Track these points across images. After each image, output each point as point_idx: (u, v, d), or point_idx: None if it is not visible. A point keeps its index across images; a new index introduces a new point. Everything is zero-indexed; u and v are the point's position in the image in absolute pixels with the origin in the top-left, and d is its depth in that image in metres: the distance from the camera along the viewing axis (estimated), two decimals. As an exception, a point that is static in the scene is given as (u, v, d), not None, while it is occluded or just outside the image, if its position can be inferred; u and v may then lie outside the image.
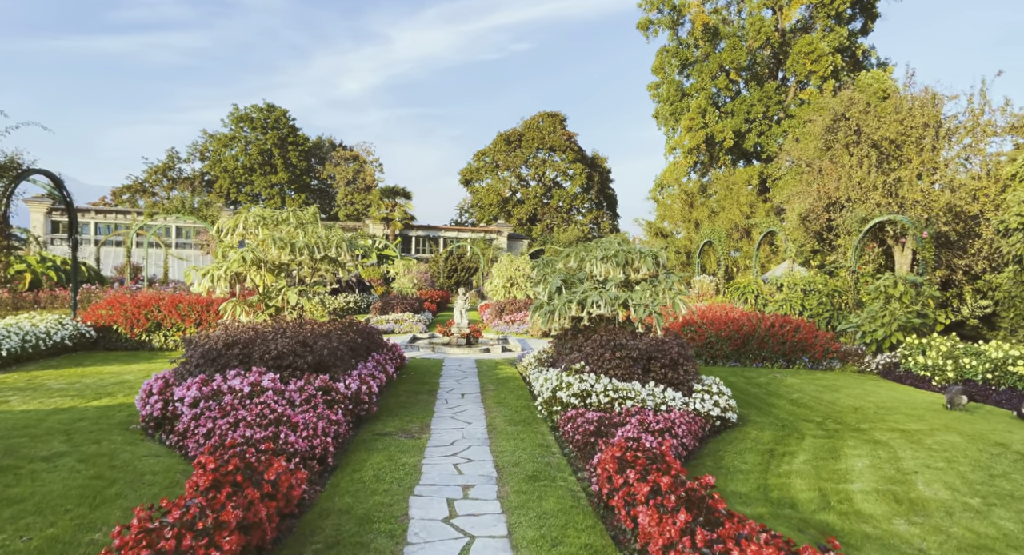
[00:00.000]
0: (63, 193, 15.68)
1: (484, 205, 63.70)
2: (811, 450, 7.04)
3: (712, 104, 49.51)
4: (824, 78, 46.07)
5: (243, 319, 9.04)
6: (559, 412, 7.76)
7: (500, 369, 12.18)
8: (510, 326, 20.54)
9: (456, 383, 10.64)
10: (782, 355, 14.27)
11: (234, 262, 8.44)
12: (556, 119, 63.86)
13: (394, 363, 10.88)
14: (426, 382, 10.63)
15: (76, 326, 12.27)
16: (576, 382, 7.90)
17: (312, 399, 6.84)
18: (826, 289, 18.46)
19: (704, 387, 8.36)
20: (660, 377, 8.21)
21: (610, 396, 7.65)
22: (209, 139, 61.45)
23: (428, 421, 7.90)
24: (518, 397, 9.47)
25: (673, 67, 52.41)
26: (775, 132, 48.65)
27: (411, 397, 9.35)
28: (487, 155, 64.20)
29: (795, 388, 11.18)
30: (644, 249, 9.66)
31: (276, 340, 7.54)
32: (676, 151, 51.49)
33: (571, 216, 63.50)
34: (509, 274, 24.97)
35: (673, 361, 8.35)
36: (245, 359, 7.31)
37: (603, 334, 8.94)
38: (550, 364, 10.15)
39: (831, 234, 22.77)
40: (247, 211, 8.87)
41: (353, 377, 7.85)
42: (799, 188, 24.48)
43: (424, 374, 11.43)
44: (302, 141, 63.27)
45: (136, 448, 6.14)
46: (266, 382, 6.76)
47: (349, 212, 60.74)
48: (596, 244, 10.00)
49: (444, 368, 12.23)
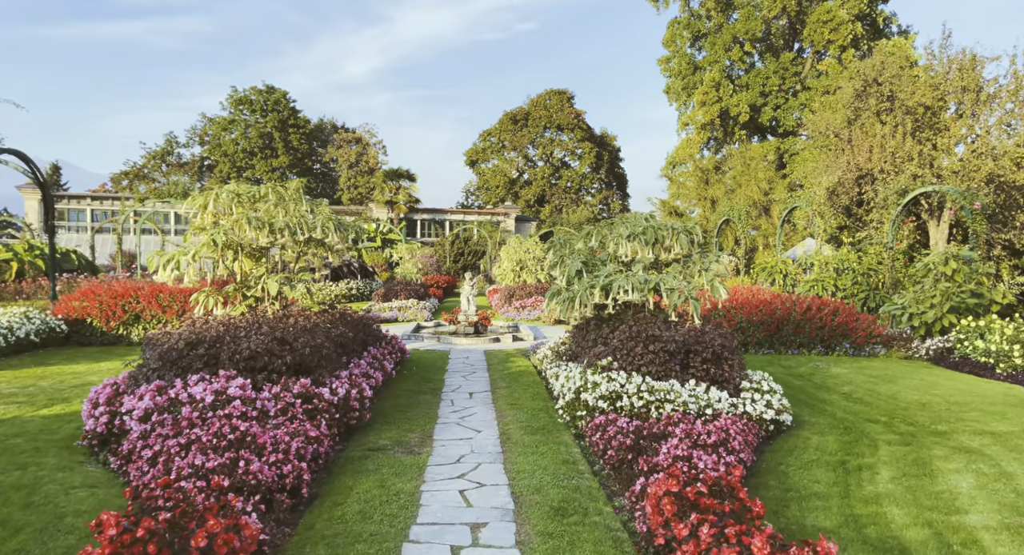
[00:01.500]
0: (36, 175, 14.52)
1: (491, 187, 62.26)
2: (892, 462, 5.82)
3: (726, 77, 47.67)
4: (843, 47, 44.12)
5: (218, 312, 7.87)
6: (584, 417, 6.57)
7: (512, 362, 11.00)
8: (520, 312, 19.36)
9: (463, 380, 9.47)
10: (820, 341, 13.02)
11: (203, 246, 7.25)
12: (563, 97, 62.07)
13: (394, 358, 9.71)
14: (430, 379, 9.47)
15: (45, 320, 11.16)
16: (604, 382, 6.69)
17: (289, 409, 5.67)
18: (861, 268, 17.12)
19: (752, 384, 7.14)
20: (701, 374, 7.00)
21: (645, 398, 6.44)
22: (208, 123, 60.14)
23: (431, 429, 6.73)
24: (534, 396, 8.29)
25: (685, 40, 50.47)
26: (792, 105, 46.81)
27: (412, 398, 8.18)
28: (493, 135, 62.62)
29: (843, 379, 9.94)
30: (676, 225, 8.39)
31: (249, 337, 6.36)
32: (689, 127, 49.77)
33: (580, 197, 62.00)
34: (519, 257, 23.72)
35: (716, 354, 7.13)
36: (211, 361, 6.14)
37: (632, 324, 7.71)
38: (569, 357, 8.95)
39: (862, 209, 21.34)
40: (219, 187, 7.64)
41: (342, 379, 6.67)
42: (826, 161, 23.00)
43: (428, 369, 10.27)
44: (303, 124, 61.86)
45: (69, 476, 5.00)
46: (233, 389, 5.59)
47: (352, 196, 59.48)
48: (620, 220, 8.74)
49: (450, 361, 11.06)
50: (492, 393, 8.56)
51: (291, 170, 61.33)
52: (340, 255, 8.40)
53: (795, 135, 49.08)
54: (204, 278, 7.58)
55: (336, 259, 8.53)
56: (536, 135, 61.59)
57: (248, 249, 7.82)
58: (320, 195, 65.09)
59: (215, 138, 59.43)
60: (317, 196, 64.73)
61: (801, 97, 46.51)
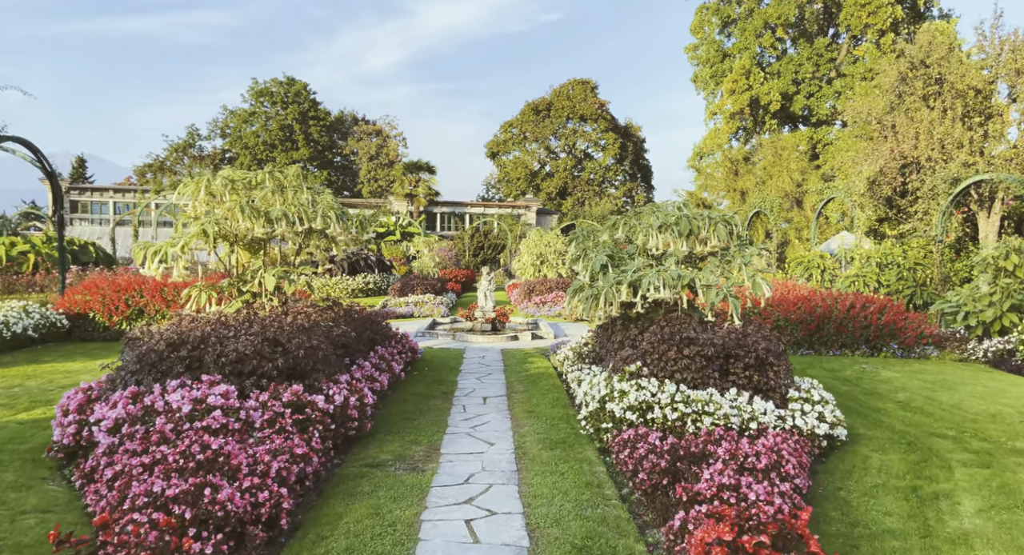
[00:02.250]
0: (43, 164, 14.14)
1: (511, 179, 61.43)
2: (974, 489, 4.98)
3: (756, 64, 46.16)
4: (882, 31, 42.34)
5: (212, 309, 7.27)
6: (610, 430, 5.83)
7: (531, 362, 10.27)
8: (540, 308, 18.61)
9: (478, 382, 8.77)
10: (865, 341, 12.07)
11: (192, 237, 6.63)
12: (587, 87, 60.88)
13: (404, 358, 9.05)
14: (442, 381, 8.78)
15: (45, 314, 10.72)
16: (632, 390, 5.93)
17: (277, 420, 5.02)
18: (906, 262, 16.02)
19: (801, 393, 6.32)
20: (743, 382, 6.19)
21: (680, 410, 5.67)
22: (230, 115, 60.18)
23: (438, 440, 6.04)
24: (553, 402, 7.55)
25: (713, 26, 48.98)
26: (826, 93, 45.16)
27: (421, 403, 7.50)
28: (515, 126, 61.72)
29: (896, 384, 9.04)
30: (713, 215, 7.56)
31: (238, 338, 5.72)
32: (717, 117, 48.37)
33: (603, 189, 60.88)
34: (539, 251, 22.95)
35: (760, 360, 6.32)
36: (194, 364, 5.51)
37: (663, 324, 6.93)
38: (593, 360, 8.20)
39: (906, 200, 20.14)
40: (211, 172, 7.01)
41: (341, 384, 6.01)
42: (866, 149, 21.79)
43: (440, 370, 9.59)
44: (323, 116, 61.60)
45: (23, 496, 4.40)
46: (214, 398, 4.95)
47: (372, 189, 59.18)
48: (650, 210, 7.94)
49: (465, 361, 10.37)
50: (508, 398, 7.84)
51: (311, 162, 61.18)
52: (344, 247, 7.74)
53: (829, 124, 47.43)
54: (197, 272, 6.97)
55: (340, 251, 7.88)
56: (559, 126, 60.54)
57: (244, 240, 7.19)
58: (340, 188, 64.94)
59: (236, 130, 59.47)
60: (337, 189, 64.56)
61: (836, 84, 44.84)
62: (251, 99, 60.30)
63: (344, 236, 7.42)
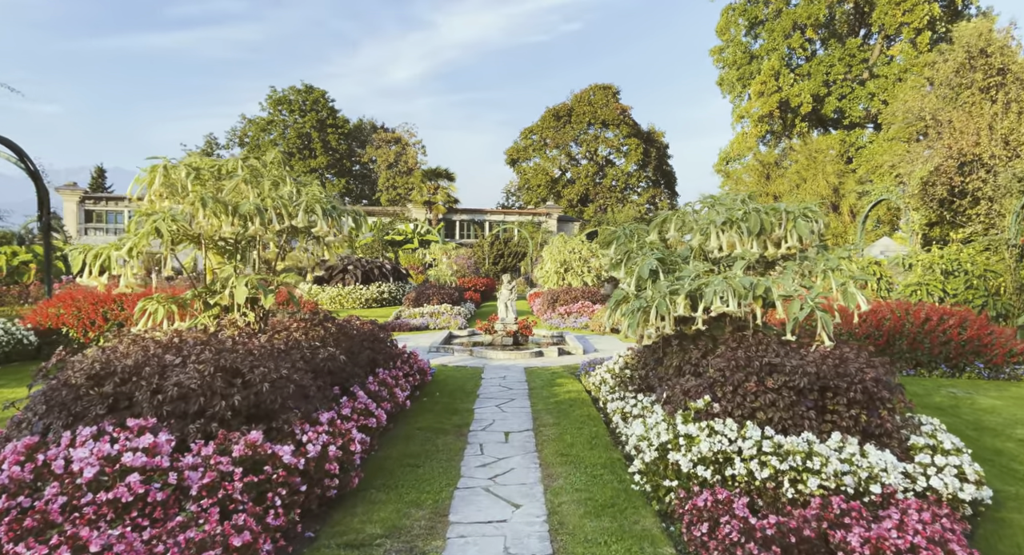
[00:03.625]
0: (26, 163, 13.07)
1: (532, 186, 60.13)
2: None
3: (785, 66, 44.41)
4: (918, 30, 40.43)
5: (177, 325, 5.95)
6: (675, 489, 4.36)
7: (559, 384, 8.82)
8: (565, 319, 17.15)
9: (498, 411, 7.34)
10: (944, 359, 10.44)
11: (142, 237, 5.33)
12: (608, 92, 59.50)
13: (411, 382, 7.67)
14: (455, 410, 7.37)
15: (9, 330, 9.52)
16: (703, 436, 4.47)
17: (223, 484, 3.64)
18: (976, 269, 14.31)
19: (923, 438, 4.80)
20: (848, 423, 4.69)
21: (771, 466, 4.19)
22: (248, 124, 59.80)
23: (446, 500, 4.61)
24: (592, 440, 6.09)
25: (740, 27, 47.36)
26: (859, 95, 43.25)
27: (428, 441, 6.09)
28: (535, 132, 60.48)
29: (1005, 416, 7.43)
30: (791, 208, 6.08)
31: (185, 366, 4.37)
32: (744, 121, 46.65)
33: (626, 196, 59.30)
34: (563, 258, 21.50)
35: (868, 394, 4.81)
36: (121, 403, 4.17)
37: (734, 346, 5.46)
38: (639, 387, 6.72)
39: (966, 200, 18.37)
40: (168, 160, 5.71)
41: (321, 426, 4.63)
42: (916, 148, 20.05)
43: (454, 394, 8.18)
44: (342, 123, 60.97)
45: None
46: (133, 455, 3.58)
47: (391, 197, 58.28)
48: (710, 202, 6.47)
49: (483, 383, 8.95)
50: (535, 434, 6.40)
51: (329, 171, 60.51)
52: (336, 251, 6.40)
53: (862, 127, 45.44)
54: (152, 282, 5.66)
55: (332, 256, 6.53)
56: (580, 132, 59.19)
57: (211, 242, 5.87)
58: (359, 196, 64.19)
59: (254, 139, 59.05)
60: (356, 197, 63.81)
61: (870, 85, 42.94)
62: (269, 107, 59.90)
63: (335, 237, 6.08)
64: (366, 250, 35.95)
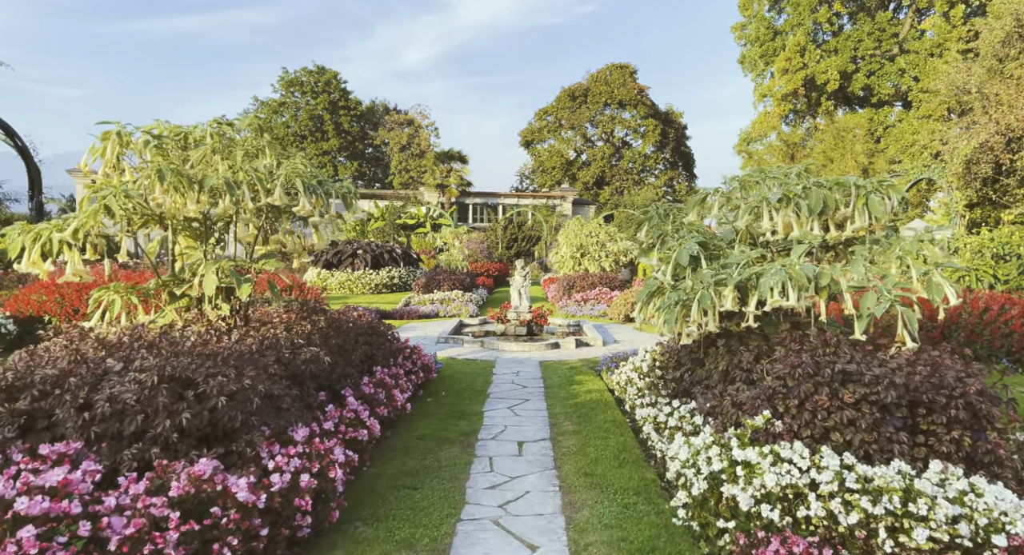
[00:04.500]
0: (14, 141, 12.33)
1: (546, 169, 58.88)
2: None
3: (811, 41, 42.60)
4: (951, 3, 38.50)
5: (141, 319, 5.13)
6: (732, 532, 3.47)
7: (579, 382, 7.93)
8: (582, 307, 16.23)
9: (511, 414, 6.48)
10: (1006, 353, 9.42)
11: (90, 215, 4.48)
12: (625, 71, 57.85)
13: (414, 380, 6.83)
14: (462, 413, 6.52)
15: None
16: (766, 464, 3.56)
17: (152, 533, 2.80)
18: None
19: (1038, 466, 3.86)
20: (948, 448, 3.76)
21: (861, 507, 3.27)
22: (260, 106, 58.99)
23: (447, 538, 3.77)
24: (620, 455, 5.20)
25: (763, 2, 45.46)
26: (888, 71, 41.42)
27: (429, 454, 5.25)
28: (550, 113, 59.09)
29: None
30: (861, 182, 5.10)
31: (123, 375, 3.54)
32: (767, 100, 44.99)
33: (642, 178, 57.90)
34: (579, 242, 20.50)
35: (972, 410, 3.88)
36: (39, 423, 3.34)
37: (795, 347, 4.53)
38: (675, 391, 5.81)
39: (1013, 178, 17.10)
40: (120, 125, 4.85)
41: (295, 446, 3.79)
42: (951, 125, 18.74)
43: (462, 394, 7.33)
44: (354, 105, 59.95)
45: None
46: (26, 502, 2.75)
47: (403, 180, 57.36)
48: (763, 176, 5.49)
49: (494, 379, 8.09)
50: (553, 444, 5.54)
51: (341, 153, 59.68)
52: (324, 233, 5.52)
53: (890, 105, 43.59)
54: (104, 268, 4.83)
55: (321, 240, 5.66)
56: (596, 112, 57.70)
57: (179, 222, 5.02)
58: (371, 180, 63.37)
59: (266, 121, 58.25)
60: (368, 181, 62.99)
61: (900, 61, 41.12)
62: (281, 89, 59.00)
63: (321, 217, 5.20)
64: (377, 234, 35.16)
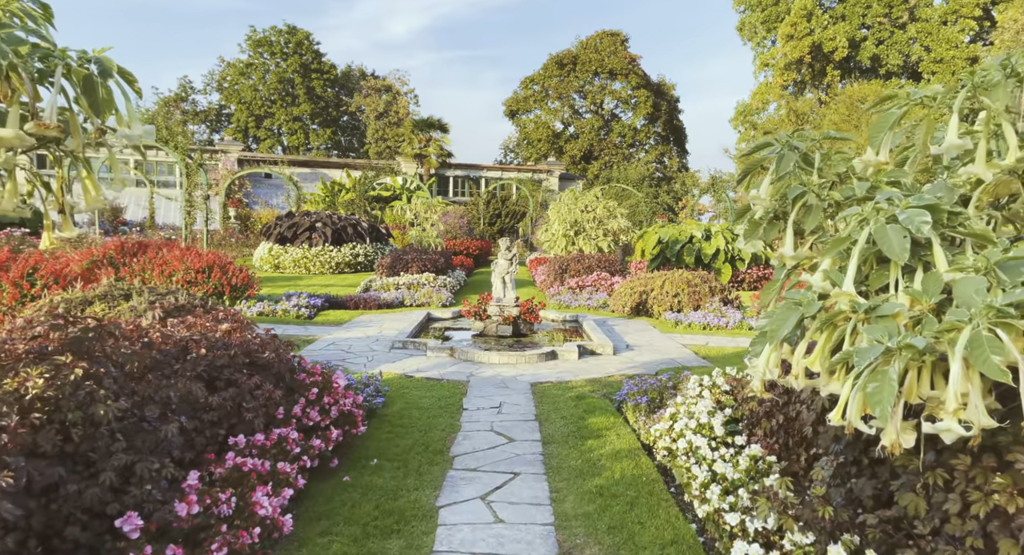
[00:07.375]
0: None
1: (532, 141, 55.76)
2: None
3: (818, 6, 39.75)
4: (970, -35, 35.80)
5: None
6: None
7: (595, 431, 5.21)
8: (578, 295, 13.53)
9: (487, 515, 3.74)
10: None
11: None
12: (616, 39, 54.55)
13: (316, 447, 4.05)
14: (399, 515, 3.75)
15: None
16: None
17: None
18: None
19: None
20: None
21: None
22: (227, 67, 54.83)
23: None
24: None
25: (768, -38, 42.39)
26: (899, 40, 38.79)
27: None
28: (536, 82, 55.73)
29: None
30: None
31: None
32: (768, 70, 42.22)
33: (632, 153, 55.05)
34: (574, 218, 17.71)
35: None
36: None
37: None
38: (818, 524, 3.09)
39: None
40: None
41: None
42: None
43: (407, 458, 4.56)
44: (328, 69, 56.06)
45: None
46: None
47: (380, 149, 53.87)
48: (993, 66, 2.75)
49: (463, 423, 5.33)
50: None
51: (313, 120, 55.90)
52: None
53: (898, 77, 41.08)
54: None
55: (89, 195, 2.85)
56: (584, 82, 54.50)
57: None
58: (346, 149, 59.75)
59: (232, 84, 54.21)
60: (343, 149, 59.35)
61: (911, 30, 38.47)
62: (249, 49, 54.84)
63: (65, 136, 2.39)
64: (348, 207, 32.00)
